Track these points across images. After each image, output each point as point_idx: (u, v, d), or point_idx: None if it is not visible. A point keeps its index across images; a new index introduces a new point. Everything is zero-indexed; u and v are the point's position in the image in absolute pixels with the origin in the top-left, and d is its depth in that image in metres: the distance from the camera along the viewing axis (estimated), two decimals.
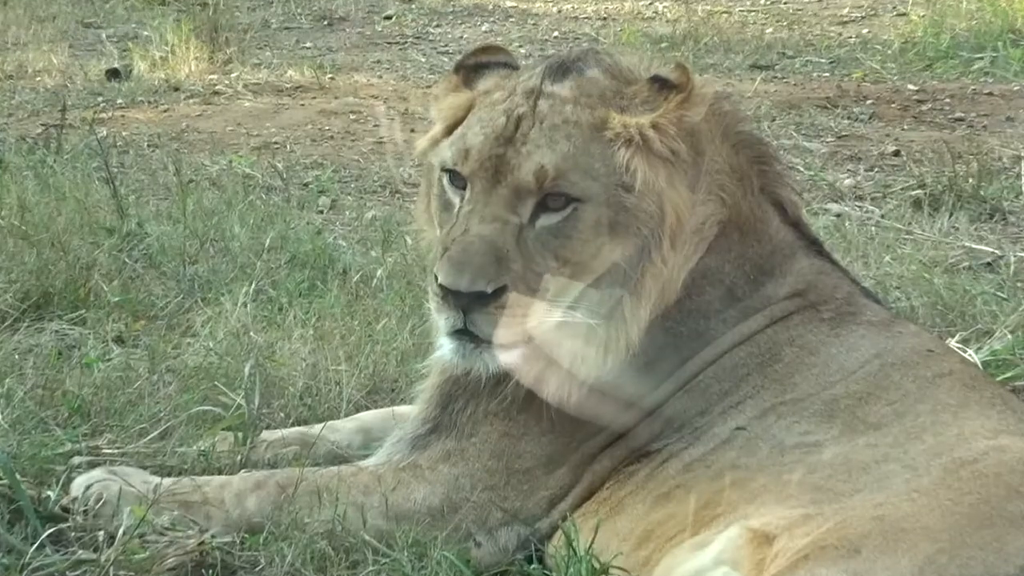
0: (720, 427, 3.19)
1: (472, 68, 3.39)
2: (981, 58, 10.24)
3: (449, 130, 3.29)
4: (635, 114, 3.13)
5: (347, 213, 6.79)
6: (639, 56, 3.40)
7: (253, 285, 5.12)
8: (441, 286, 3.01)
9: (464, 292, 2.98)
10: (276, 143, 8.26)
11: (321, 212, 6.85)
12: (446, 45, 11.88)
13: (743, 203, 3.35)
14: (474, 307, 3.00)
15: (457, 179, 3.15)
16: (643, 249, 3.13)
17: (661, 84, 3.17)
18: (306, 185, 7.34)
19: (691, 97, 3.15)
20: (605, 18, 12.64)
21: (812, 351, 3.26)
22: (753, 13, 12.65)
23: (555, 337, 3.14)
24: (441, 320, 3.07)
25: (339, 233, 6.34)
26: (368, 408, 4.25)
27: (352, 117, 9.05)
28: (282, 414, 4.21)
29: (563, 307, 3.10)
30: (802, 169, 7.57)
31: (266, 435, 3.95)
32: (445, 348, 3.13)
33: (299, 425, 4.12)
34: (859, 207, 6.98)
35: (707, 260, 3.29)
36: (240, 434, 3.85)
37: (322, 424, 3.99)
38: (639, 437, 3.27)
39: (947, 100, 9.19)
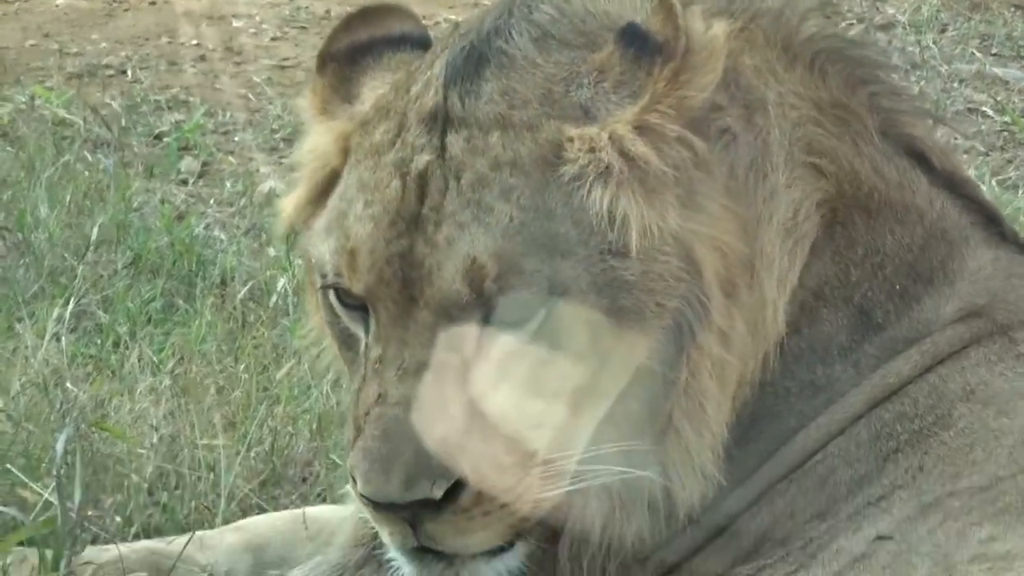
0: (851, 537, 3.19)
1: (346, 58, 3.37)
2: None
3: (319, 191, 3.25)
4: (606, 113, 3.09)
5: (228, 185, 6.84)
6: None
7: (71, 304, 5.15)
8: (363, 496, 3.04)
9: (400, 504, 3.00)
10: (109, 68, 8.30)
11: (184, 183, 6.91)
12: None
13: (857, 161, 3.36)
14: (424, 517, 3.02)
15: (349, 296, 3.14)
16: (679, 329, 3.11)
17: (638, 46, 3.10)
18: (159, 138, 7.38)
19: (688, 64, 3.07)
20: None
21: (1002, 408, 3.27)
22: None
23: (573, 514, 3.17)
24: (385, 535, 3.12)
25: (214, 218, 6.40)
26: (263, 509, 4.29)
27: (236, 24, 9.07)
28: (119, 518, 4.24)
29: (571, 465, 3.09)
30: (990, 112, 7.61)
31: (92, 553, 3.96)
32: (403, 568, 3.15)
33: (147, 537, 4.13)
34: None
35: (818, 267, 3.31)
36: (49, 551, 3.86)
37: (187, 536, 4.00)
38: (715, 560, 3.28)
39: None
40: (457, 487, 2.97)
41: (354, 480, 3.01)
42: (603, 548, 3.21)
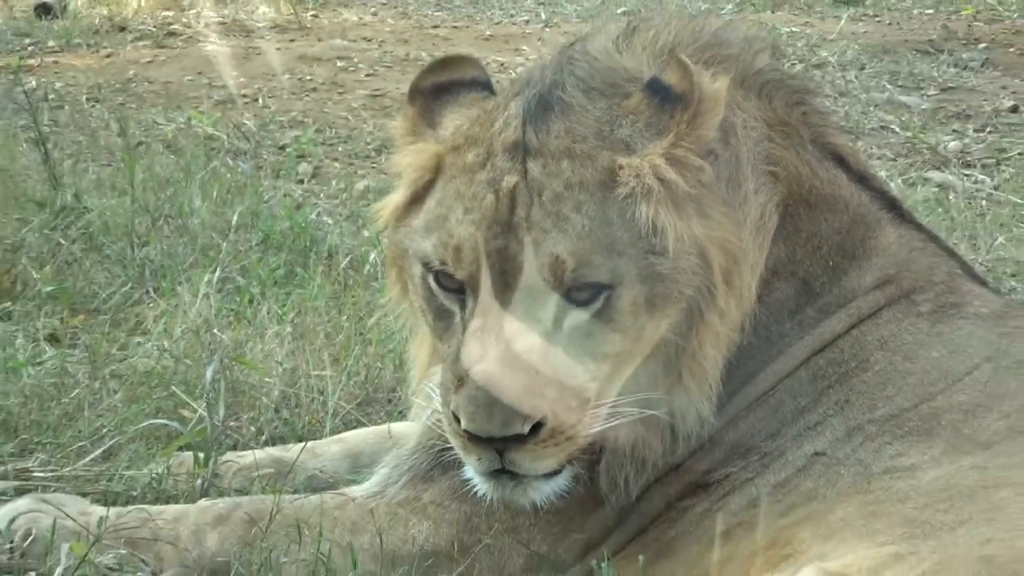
0: (794, 452, 3.20)
1: (430, 93, 3.34)
2: None
3: (416, 197, 3.23)
4: (643, 147, 3.11)
5: (333, 183, 6.83)
6: (640, 39, 3.31)
7: (217, 272, 5.14)
8: (467, 432, 3.05)
9: (497, 438, 3.03)
10: (245, 96, 8.32)
11: (301, 182, 6.91)
12: None
13: (800, 166, 3.36)
14: (511, 447, 3.05)
15: (449, 280, 3.14)
16: (691, 310, 3.16)
17: (662, 96, 3.13)
18: (282, 148, 7.39)
19: (701, 109, 3.10)
20: None
21: (908, 355, 3.27)
22: None
23: (610, 442, 3.22)
24: (472, 460, 3.13)
25: (323, 208, 6.38)
26: (359, 424, 4.29)
27: (340, 64, 9.09)
28: (252, 429, 4.25)
29: (608, 406, 3.13)
30: (897, 129, 7.56)
31: (232, 456, 3.97)
32: (480, 486, 3.17)
33: (273, 444, 4.15)
34: (967, 176, 6.97)
35: (774, 250, 3.30)
36: (201, 454, 3.87)
37: (301, 445, 4.01)
38: (696, 467, 3.29)
39: None
40: (537, 425, 3.01)
41: (456, 418, 3.02)
42: (632, 465, 3.26)
